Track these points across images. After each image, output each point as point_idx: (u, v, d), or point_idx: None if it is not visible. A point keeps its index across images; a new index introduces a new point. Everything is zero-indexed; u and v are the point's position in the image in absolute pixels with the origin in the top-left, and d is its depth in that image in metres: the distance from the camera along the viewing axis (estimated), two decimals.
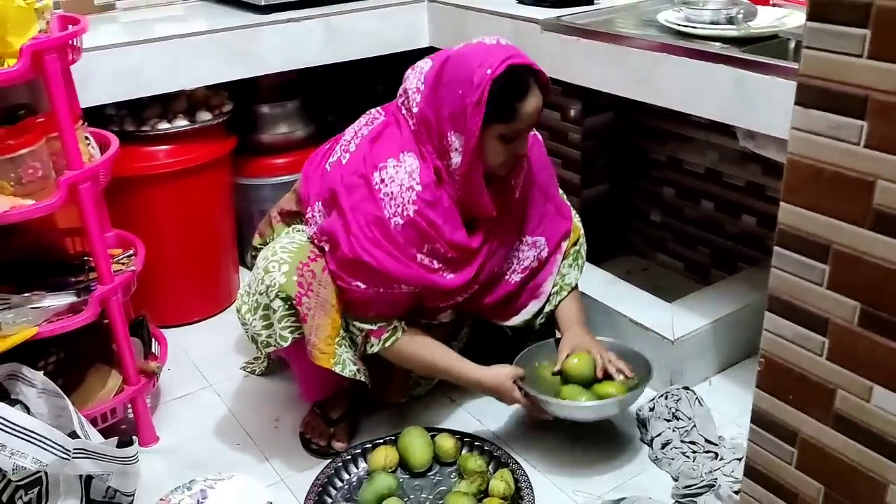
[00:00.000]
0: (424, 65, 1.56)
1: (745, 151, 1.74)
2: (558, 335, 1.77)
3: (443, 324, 1.76)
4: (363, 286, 1.53)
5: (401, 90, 1.59)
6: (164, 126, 2.04)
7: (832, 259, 0.93)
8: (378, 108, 1.65)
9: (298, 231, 1.68)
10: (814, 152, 0.91)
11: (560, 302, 1.79)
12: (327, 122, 2.53)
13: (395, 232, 1.50)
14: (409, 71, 1.58)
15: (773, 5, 1.84)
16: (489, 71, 1.44)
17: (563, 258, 1.80)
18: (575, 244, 1.82)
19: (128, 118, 2.04)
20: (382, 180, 1.51)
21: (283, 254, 1.56)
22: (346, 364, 1.60)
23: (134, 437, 1.56)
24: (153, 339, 1.87)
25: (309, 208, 1.63)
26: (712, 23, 1.69)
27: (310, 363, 1.59)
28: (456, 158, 1.51)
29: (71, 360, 1.70)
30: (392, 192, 1.50)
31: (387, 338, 1.60)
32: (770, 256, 1.01)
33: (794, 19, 1.71)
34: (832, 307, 0.95)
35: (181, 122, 2.06)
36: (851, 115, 0.87)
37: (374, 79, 2.49)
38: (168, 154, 2.04)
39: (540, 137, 1.77)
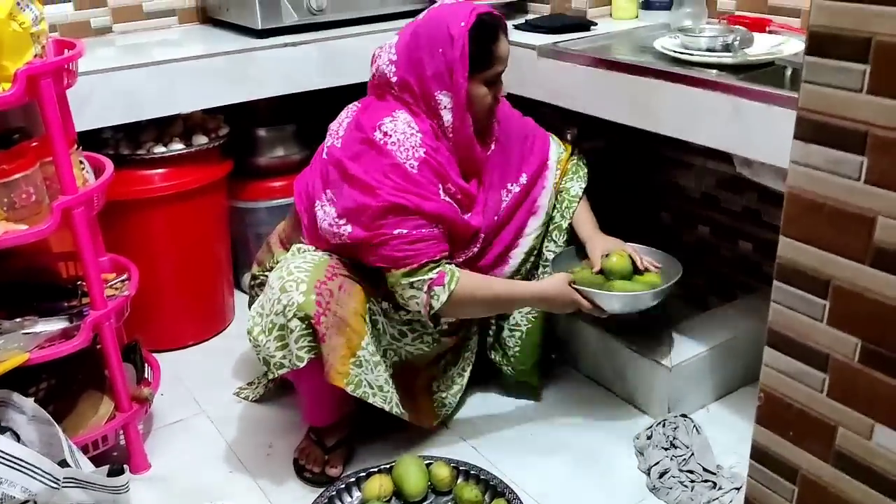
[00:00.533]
0: (390, 41, 1.66)
1: (741, 177, 1.74)
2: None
3: (449, 332, 1.79)
4: (405, 231, 1.54)
5: (373, 70, 1.67)
6: (159, 150, 2.03)
7: (832, 294, 0.93)
8: (354, 102, 1.74)
9: (306, 251, 1.66)
10: (813, 186, 0.91)
11: (573, 214, 1.85)
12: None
13: (413, 174, 1.56)
14: (375, 50, 1.68)
15: (770, 32, 1.85)
16: (463, 24, 1.57)
17: (563, 174, 1.86)
18: (571, 157, 1.90)
19: (123, 141, 2.04)
20: (385, 133, 1.57)
21: (298, 273, 1.55)
22: (359, 385, 1.58)
23: (125, 465, 1.54)
24: (146, 365, 1.85)
25: (318, 202, 1.64)
26: (709, 50, 1.69)
27: (317, 386, 1.59)
28: (447, 116, 1.60)
29: (62, 386, 1.69)
30: (398, 140, 1.57)
31: (449, 280, 1.57)
32: (766, 283, 1.00)
33: (790, 47, 1.71)
34: (832, 343, 0.94)
35: (177, 146, 2.05)
36: (851, 151, 0.86)
37: None
38: (163, 178, 2.03)
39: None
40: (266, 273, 1.78)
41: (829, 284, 0.93)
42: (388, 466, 1.65)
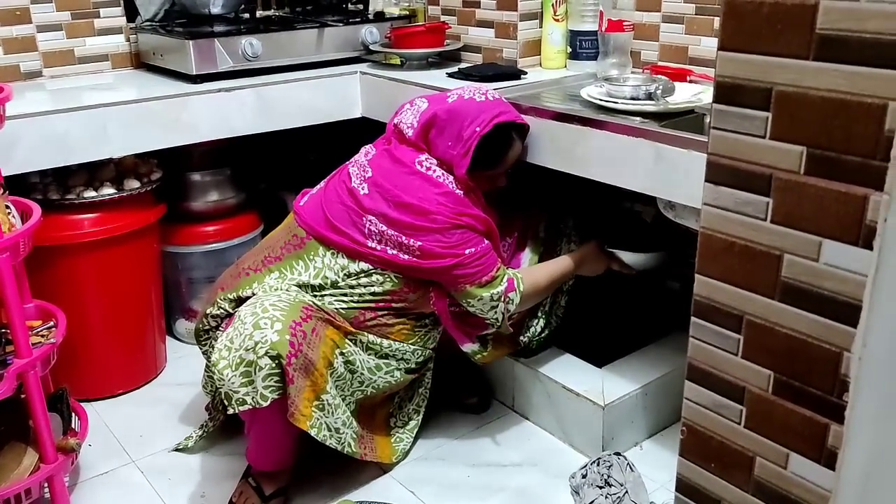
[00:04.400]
0: (421, 103, 1.78)
1: (666, 219, 1.80)
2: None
3: (415, 369, 1.84)
4: (474, 249, 1.67)
5: (396, 120, 1.79)
6: (90, 194, 2.00)
7: (745, 329, 0.97)
8: (369, 145, 1.83)
9: (280, 290, 1.67)
10: (724, 227, 0.96)
11: None
12: (259, 189, 2.53)
13: (461, 196, 1.69)
14: (405, 104, 1.81)
15: (690, 82, 1.93)
16: (478, 129, 1.69)
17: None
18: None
19: (52, 186, 2.00)
20: (427, 168, 1.70)
21: (274, 311, 1.56)
22: (321, 428, 1.59)
23: None
24: (73, 414, 1.80)
25: (367, 221, 1.68)
26: (633, 98, 1.75)
27: (271, 429, 1.60)
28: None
29: None
30: (438, 173, 1.70)
31: (518, 283, 1.75)
32: None
33: (709, 96, 1.77)
34: (747, 376, 0.98)
35: (108, 190, 2.02)
36: (758, 192, 0.92)
37: (307, 147, 2.51)
38: (93, 223, 2.00)
39: None
40: (213, 326, 1.76)
41: (743, 320, 0.97)
42: None
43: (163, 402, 2.12)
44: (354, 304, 1.70)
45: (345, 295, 1.69)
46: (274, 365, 1.52)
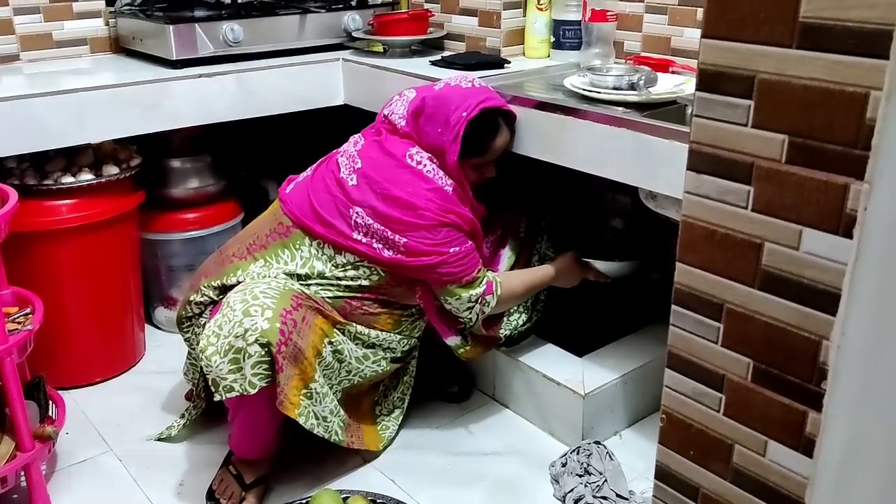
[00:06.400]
0: (409, 93, 1.78)
1: (647, 210, 1.81)
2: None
3: (400, 358, 1.85)
4: (458, 249, 1.68)
5: (386, 111, 1.79)
6: (68, 180, 1.98)
7: (725, 317, 0.97)
8: (358, 134, 1.82)
9: (268, 278, 1.66)
10: (706, 215, 0.96)
11: None
12: (240, 177, 2.51)
13: (450, 194, 1.69)
14: (395, 96, 1.80)
15: (672, 73, 1.94)
16: (465, 114, 1.69)
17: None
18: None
19: (29, 171, 1.98)
20: (418, 162, 1.69)
21: (265, 299, 1.55)
22: (308, 416, 1.59)
23: None
24: (50, 402, 1.78)
25: (354, 212, 1.67)
26: (615, 88, 1.75)
27: (257, 417, 1.60)
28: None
29: None
30: (431, 169, 1.69)
31: (496, 287, 1.76)
32: None
33: (691, 87, 1.76)
34: (727, 364, 0.99)
35: (86, 176, 2.00)
36: (739, 181, 0.92)
37: (288, 134, 2.49)
38: (71, 209, 1.98)
39: None
40: (197, 313, 1.74)
41: (723, 308, 0.97)
42: (304, 501, 1.63)
43: (142, 391, 2.10)
44: (341, 294, 1.69)
45: (332, 285, 1.69)
46: (263, 353, 1.51)
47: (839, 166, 0.83)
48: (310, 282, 1.68)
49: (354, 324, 1.71)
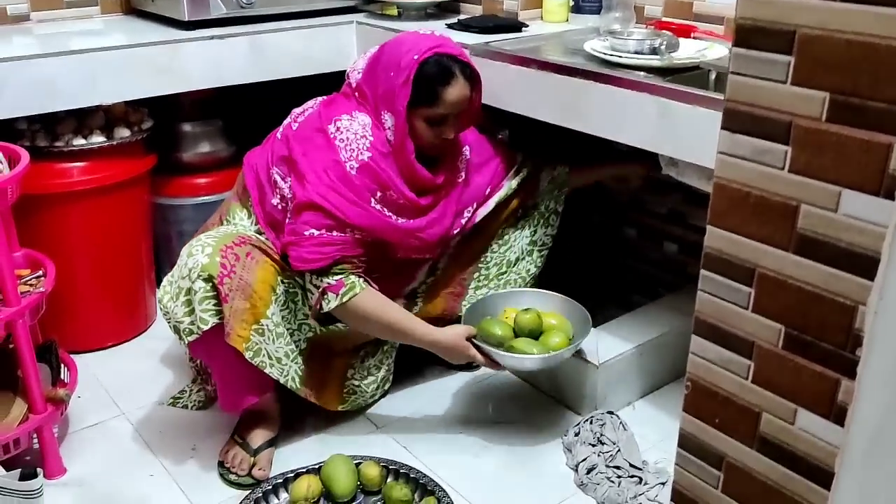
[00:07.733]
0: (373, 48, 1.71)
1: (667, 180, 1.78)
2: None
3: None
4: (316, 233, 1.57)
5: (350, 68, 1.73)
6: (79, 142, 1.95)
7: (757, 282, 0.95)
8: (325, 96, 1.77)
9: (218, 228, 1.71)
10: (740, 176, 0.93)
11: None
12: (251, 142, 2.48)
13: (350, 176, 1.58)
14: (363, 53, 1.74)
15: (695, 38, 1.89)
16: (416, 56, 1.60)
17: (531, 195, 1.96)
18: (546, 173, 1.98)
19: (40, 133, 1.95)
20: (338, 129, 1.61)
21: (207, 239, 1.59)
22: (258, 353, 1.58)
23: (39, 469, 1.46)
24: (62, 365, 1.77)
25: (264, 178, 1.68)
26: (637, 53, 1.72)
27: (230, 364, 1.59)
28: (389, 135, 1.63)
29: None
30: (347, 139, 1.60)
31: (344, 293, 1.59)
32: (691, 282, 1.02)
33: (714, 52, 1.75)
34: (757, 330, 0.96)
35: (97, 139, 1.98)
36: (776, 141, 0.89)
37: (300, 99, 2.45)
38: (83, 171, 1.95)
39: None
40: None
41: (755, 272, 0.95)
42: (316, 467, 1.63)
43: (154, 356, 2.09)
44: None
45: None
46: (208, 287, 1.53)
47: (883, 125, 0.80)
48: (261, 235, 1.70)
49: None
